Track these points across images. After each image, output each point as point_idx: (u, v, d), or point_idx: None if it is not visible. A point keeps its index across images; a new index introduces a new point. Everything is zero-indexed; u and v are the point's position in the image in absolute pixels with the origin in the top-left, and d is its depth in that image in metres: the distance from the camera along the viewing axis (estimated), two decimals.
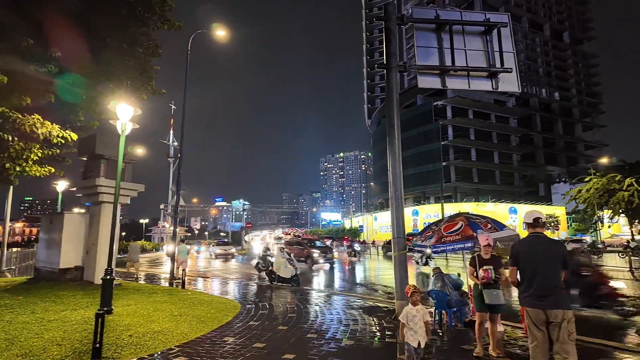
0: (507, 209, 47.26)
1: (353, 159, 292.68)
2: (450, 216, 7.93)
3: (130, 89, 10.25)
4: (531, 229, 3.74)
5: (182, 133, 16.17)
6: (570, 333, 3.29)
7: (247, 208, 77.56)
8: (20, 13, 7.74)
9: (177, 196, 16.06)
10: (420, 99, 62.64)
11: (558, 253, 3.53)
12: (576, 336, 3.38)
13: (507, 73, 8.69)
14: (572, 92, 72.26)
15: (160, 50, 10.17)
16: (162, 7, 9.14)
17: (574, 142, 71.26)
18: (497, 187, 58.55)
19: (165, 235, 44.24)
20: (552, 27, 72.84)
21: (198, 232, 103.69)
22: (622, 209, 29.61)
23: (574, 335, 3.32)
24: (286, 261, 12.17)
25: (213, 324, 6.55)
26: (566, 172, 64.66)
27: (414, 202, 59.53)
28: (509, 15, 9.37)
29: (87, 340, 5.13)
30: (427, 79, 8.66)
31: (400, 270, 7.47)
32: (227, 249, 30.57)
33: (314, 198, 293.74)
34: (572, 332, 3.31)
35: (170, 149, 52.90)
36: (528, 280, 3.54)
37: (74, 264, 10.88)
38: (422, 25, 8.78)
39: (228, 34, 16.06)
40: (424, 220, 48.87)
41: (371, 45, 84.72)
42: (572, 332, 3.31)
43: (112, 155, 10.83)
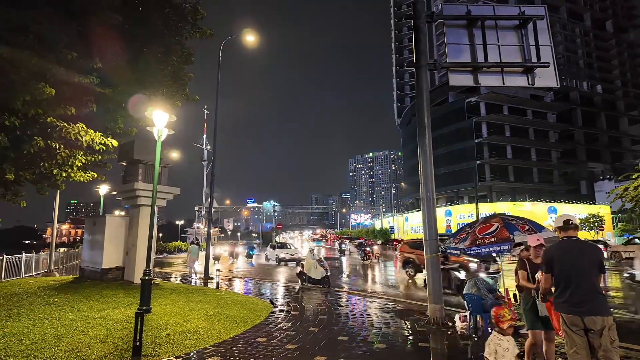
0: (546, 208, 45.13)
1: (382, 159, 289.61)
2: (485, 217, 7.69)
3: (165, 96, 10.65)
4: (563, 232, 3.58)
5: (215, 137, 16.62)
6: (612, 341, 3.12)
7: (278, 209, 78.85)
8: (65, 27, 8.23)
9: (210, 198, 16.54)
10: (451, 96, 61.07)
11: (594, 257, 3.38)
12: (619, 343, 3.20)
13: (544, 68, 8.32)
14: (616, 84, 68.05)
15: (193, 58, 10.51)
16: (195, 16, 9.43)
17: (618, 137, 66.99)
18: (535, 186, 56.04)
19: (200, 235, 45.56)
20: (594, 16, 68.96)
21: (231, 233, 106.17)
22: None
23: (616, 343, 3.15)
24: (316, 262, 12.22)
25: (246, 325, 6.68)
26: (611, 169, 60.93)
27: (446, 202, 58.07)
28: (545, 7, 8.96)
29: (128, 338, 5.37)
30: (458, 77, 8.44)
31: (433, 273, 7.32)
32: (293, 254, 24.53)
33: (344, 199, 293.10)
34: (614, 339, 3.14)
35: (203, 153, 54.50)
36: (564, 286, 3.39)
37: (115, 264, 11.43)
38: (453, 22, 8.58)
39: (257, 38, 16.35)
40: (458, 220, 47.59)
41: (400, 43, 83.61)
42: (615, 339, 3.14)
43: (150, 160, 11.30)
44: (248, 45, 16.49)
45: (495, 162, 55.38)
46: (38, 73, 7.45)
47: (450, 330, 6.49)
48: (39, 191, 10.58)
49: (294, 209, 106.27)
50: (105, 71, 9.21)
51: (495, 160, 55.19)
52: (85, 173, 10.26)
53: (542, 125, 59.34)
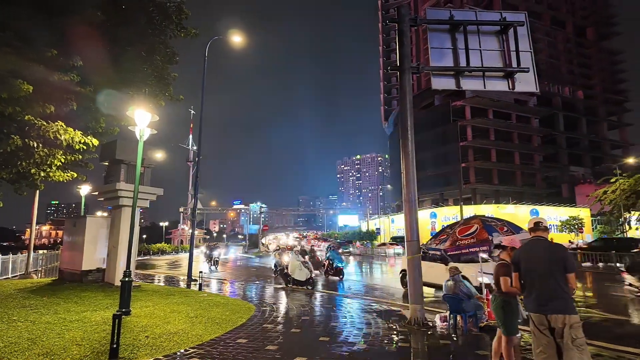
0: (529, 211, 46.00)
1: (370, 161, 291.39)
2: (465, 219, 7.83)
3: (149, 95, 10.53)
4: (533, 233, 3.69)
5: (200, 137, 16.49)
6: (573, 339, 3.15)
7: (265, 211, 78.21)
8: (45, 24, 8.08)
9: (194, 199, 16.38)
10: (437, 100, 61.83)
11: (558, 256, 3.41)
12: (585, 341, 3.23)
13: (524, 73, 8.52)
14: (597, 90, 69.95)
15: (177, 57, 10.43)
16: (179, 15, 9.37)
17: (598, 142, 68.85)
18: (518, 189, 57.11)
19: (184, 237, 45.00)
20: (575, 23, 70.77)
21: (216, 234, 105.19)
22: None
23: (579, 341, 3.16)
24: (301, 264, 12.22)
25: (227, 326, 6.64)
26: (591, 173, 62.54)
27: (432, 204, 58.69)
28: (525, 14, 9.17)
29: (106, 341, 5.28)
30: (441, 80, 8.58)
31: (415, 274, 7.40)
32: None
33: (331, 200, 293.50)
34: (576, 337, 3.16)
35: (189, 153, 53.99)
36: (530, 285, 3.49)
37: (96, 266, 11.23)
38: (436, 27, 8.71)
39: (244, 39, 16.30)
40: (442, 222, 48.09)
41: (387, 47, 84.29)
42: (576, 338, 3.16)
43: (132, 160, 11.14)
44: (235, 46, 16.43)
45: (479, 165, 56.27)
46: (16, 70, 7.29)
47: (431, 330, 6.57)
48: (17, 191, 10.34)
49: (281, 210, 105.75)
50: (86, 69, 9.07)
51: (479, 163, 56.08)
52: (65, 173, 10.07)
53: (526, 130, 60.60)
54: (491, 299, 4.61)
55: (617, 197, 29.98)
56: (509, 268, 4.27)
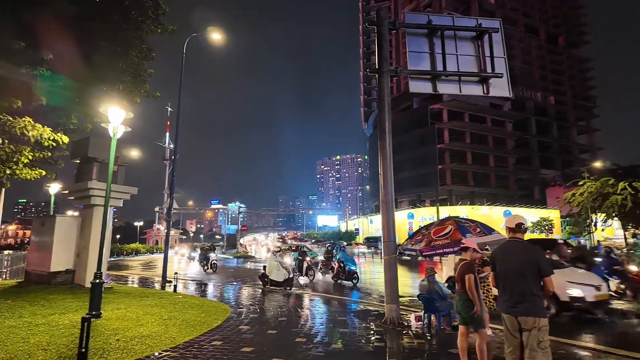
0: (502, 212, 47.37)
1: (349, 162, 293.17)
2: (440, 220, 7.98)
3: (123, 92, 10.25)
4: (511, 234, 3.66)
5: (177, 135, 16.18)
6: (539, 341, 3.21)
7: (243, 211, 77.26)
8: (12, 16, 7.73)
9: (170, 199, 16.05)
10: (416, 102, 62.86)
11: (532, 259, 3.41)
12: (550, 344, 3.31)
13: (498, 78, 8.76)
14: (567, 96, 72.77)
15: (153, 54, 10.20)
16: (156, 11, 9.17)
17: (568, 146, 71.68)
18: (492, 190, 58.75)
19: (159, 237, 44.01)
20: (548, 31, 73.41)
21: (193, 235, 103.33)
22: (615, 212, 29.70)
23: (544, 344, 3.23)
24: (279, 264, 12.17)
25: (202, 328, 6.54)
26: (561, 176, 64.96)
27: (409, 205, 59.61)
28: (500, 21, 9.42)
29: (74, 345, 5.10)
30: (418, 84, 8.71)
31: (391, 274, 7.49)
32: None
33: (311, 201, 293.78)
34: (542, 340, 3.22)
35: (165, 152, 52.84)
36: (503, 286, 3.52)
37: (65, 267, 10.83)
38: (414, 31, 8.85)
39: (224, 37, 16.08)
40: (420, 223, 48.90)
41: (368, 49, 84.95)
42: (542, 341, 3.22)
43: (105, 158, 10.78)
44: (214, 43, 16.19)
45: (455, 167, 57.56)
46: None
47: (406, 330, 6.67)
48: None
49: (260, 210, 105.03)
50: (57, 64, 8.74)
51: (455, 165, 57.36)
52: (32, 170, 9.70)
53: (500, 133, 62.40)
54: (456, 297, 4.72)
55: (585, 200, 31.15)
56: (472, 266, 4.56)
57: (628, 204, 27.58)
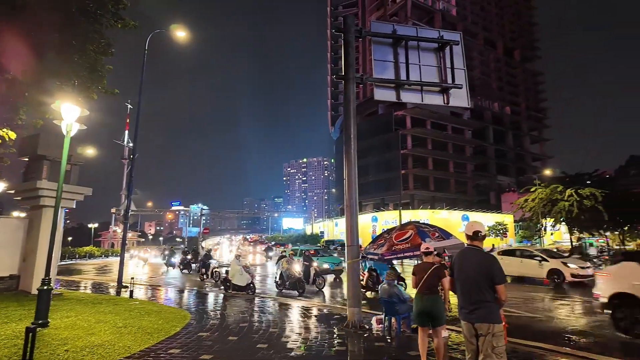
0: (460, 216, 49.33)
1: (316, 165, 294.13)
2: (401, 224, 8.20)
3: (79, 87, 9.73)
4: (469, 241, 3.73)
5: (136, 133, 15.54)
6: (494, 347, 3.28)
7: (206, 213, 75.16)
8: None
9: (128, 199, 15.36)
10: (381, 108, 64.26)
11: (486, 267, 3.47)
12: (505, 350, 3.39)
13: (458, 89, 9.12)
14: (522, 107, 77.16)
15: (113, 49, 9.76)
16: (116, 5, 8.79)
17: (522, 154, 76.00)
18: (451, 195, 61.07)
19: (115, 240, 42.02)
20: (505, 45, 77.53)
21: (152, 237, 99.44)
22: (562, 217, 31.76)
23: (498, 350, 3.30)
24: (241, 268, 11.98)
25: (160, 336, 6.31)
26: (515, 182, 68.65)
27: (373, 208, 60.69)
28: (460, 34, 9.83)
29: (17, 357, 4.76)
30: (383, 92, 8.90)
31: (353, 278, 7.59)
32: None
33: (276, 203, 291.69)
34: (496, 346, 3.29)
35: (124, 150, 50.66)
36: (461, 293, 3.60)
37: (9, 272, 10.09)
38: (380, 40, 9.05)
39: (188, 35, 15.67)
40: (383, 226, 49.87)
41: (335, 54, 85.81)
42: (497, 347, 3.29)
43: (57, 156, 10.17)
44: (178, 41, 15.74)
45: (418, 173, 59.42)
46: None
47: (367, 333, 6.77)
48: None
49: (224, 212, 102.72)
50: (3, 55, 8.16)
51: (418, 170, 59.23)
52: None
53: (460, 141, 65.12)
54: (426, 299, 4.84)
55: (536, 205, 33.04)
56: (444, 269, 4.83)
57: (574, 209, 29.59)
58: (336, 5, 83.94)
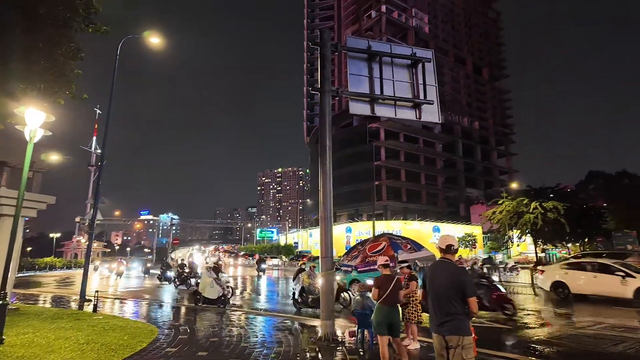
0: (432, 227, 50.37)
1: (291, 175, 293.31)
2: (375, 236, 8.30)
3: (45, 92, 9.34)
4: (442, 254, 3.80)
5: (105, 139, 15.03)
6: (463, 359, 3.34)
7: (176, 222, 73.02)
8: None
9: (94, 208, 14.77)
10: (356, 120, 65.25)
11: (457, 280, 3.54)
12: None
13: (429, 105, 9.41)
14: (489, 123, 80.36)
15: (82, 54, 9.46)
16: (87, 9, 8.56)
17: (490, 168, 78.90)
18: (423, 207, 62.42)
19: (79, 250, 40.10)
20: (474, 62, 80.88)
21: (119, 248, 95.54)
22: (528, 229, 33.05)
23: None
24: (213, 280, 11.69)
25: (125, 352, 6.05)
26: (483, 195, 71.04)
27: (348, 219, 61.05)
28: (432, 51, 10.18)
29: None
30: (357, 105, 9.05)
31: (327, 290, 7.57)
32: None
33: (250, 213, 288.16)
34: (465, 358, 3.36)
35: (92, 157, 48.82)
36: (432, 306, 3.65)
37: None
38: (355, 54, 9.23)
39: (162, 41, 15.43)
40: (357, 237, 50.19)
41: (312, 65, 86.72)
42: (466, 358, 3.36)
43: (18, 163, 9.71)
44: (152, 47, 15.48)
45: (391, 184, 60.45)
46: None
47: (340, 346, 6.75)
48: None
49: (195, 222, 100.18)
50: None
51: (391, 182, 60.29)
52: None
53: (431, 153, 66.95)
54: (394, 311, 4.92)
55: (503, 217, 34.25)
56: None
57: (539, 222, 30.89)
58: (313, 18, 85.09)
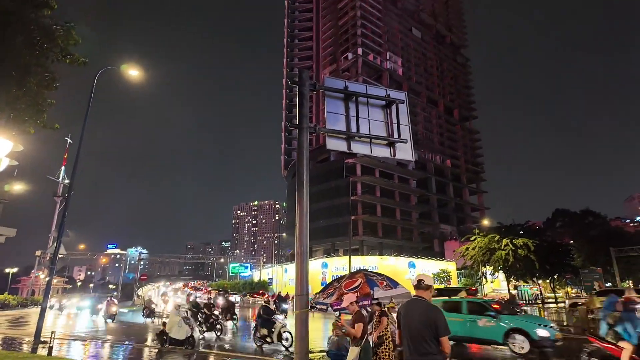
0: (407, 263, 50.40)
1: (268, 208, 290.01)
2: (351, 273, 8.23)
3: (14, 120, 9.09)
4: (415, 290, 3.82)
5: (75, 168, 14.53)
6: None
7: (145, 257, 69.54)
8: None
9: (57, 241, 14.02)
10: (333, 155, 66.27)
11: (429, 319, 3.51)
12: None
13: (403, 143, 9.73)
14: (461, 161, 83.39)
15: (57, 84, 9.35)
16: (66, 41, 8.57)
17: (462, 204, 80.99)
18: (398, 242, 62.75)
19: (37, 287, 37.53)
20: (445, 104, 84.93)
21: (81, 283, 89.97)
22: (500, 266, 33.61)
23: None
24: (181, 320, 11.13)
25: None
26: (456, 231, 72.33)
27: (324, 254, 60.40)
28: (405, 93, 10.59)
29: None
30: (334, 142, 9.24)
31: (301, 330, 7.34)
32: None
33: (223, 247, 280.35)
34: None
35: (59, 187, 46.93)
36: (406, 344, 3.62)
37: None
38: (332, 94, 9.54)
39: (141, 73, 15.46)
40: (333, 272, 49.48)
41: (290, 101, 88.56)
42: None
43: None
44: (131, 80, 15.46)
45: (367, 219, 60.78)
46: None
47: None
48: None
49: (165, 257, 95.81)
50: None
51: (367, 217, 60.62)
52: None
53: (406, 190, 68.33)
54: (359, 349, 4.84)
55: (476, 254, 34.79)
56: None
57: (510, 258, 31.52)
58: (292, 57, 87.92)
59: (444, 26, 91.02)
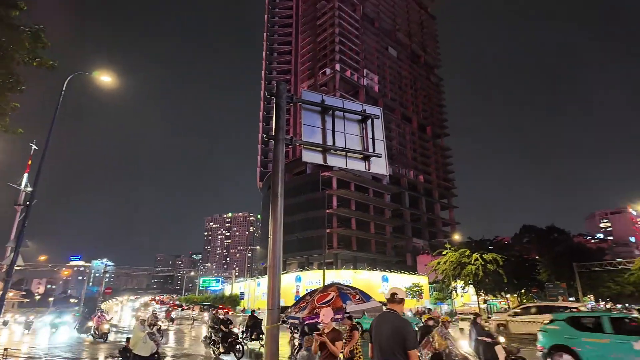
0: (380, 276, 50.67)
1: (242, 220, 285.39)
2: (324, 286, 8.18)
3: None
4: (388, 304, 3.84)
5: (38, 175, 13.87)
6: None
7: (111, 269, 66.51)
8: None
9: (14, 252, 13.23)
10: (309, 168, 66.42)
11: (399, 332, 3.53)
12: None
13: (378, 157, 9.87)
14: (433, 177, 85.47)
15: (23, 87, 8.98)
16: (35, 44, 8.27)
17: (434, 219, 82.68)
18: (372, 256, 63.10)
19: None
20: (419, 121, 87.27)
21: (40, 297, 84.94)
22: (470, 280, 34.31)
23: None
24: (146, 336, 10.64)
25: None
26: (429, 245, 73.59)
27: (298, 267, 59.83)
28: (381, 109, 10.76)
29: None
30: (310, 154, 9.28)
31: (272, 345, 7.19)
32: None
33: (194, 260, 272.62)
34: None
35: (20, 195, 44.51)
36: (375, 357, 3.64)
37: None
38: (309, 107, 9.63)
39: (113, 79, 15.10)
40: (307, 286, 49.03)
41: (268, 114, 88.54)
42: None
43: None
44: (103, 84, 15.07)
45: (341, 232, 60.92)
46: None
47: None
48: None
49: (132, 270, 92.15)
50: None
51: (342, 230, 60.76)
52: None
53: (380, 204, 69.13)
54: None
55: (447, 268, 35.39)
56: None
57: (480, 273, 32.26)
58: (270, 71, 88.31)
59: (418, 46, 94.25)
